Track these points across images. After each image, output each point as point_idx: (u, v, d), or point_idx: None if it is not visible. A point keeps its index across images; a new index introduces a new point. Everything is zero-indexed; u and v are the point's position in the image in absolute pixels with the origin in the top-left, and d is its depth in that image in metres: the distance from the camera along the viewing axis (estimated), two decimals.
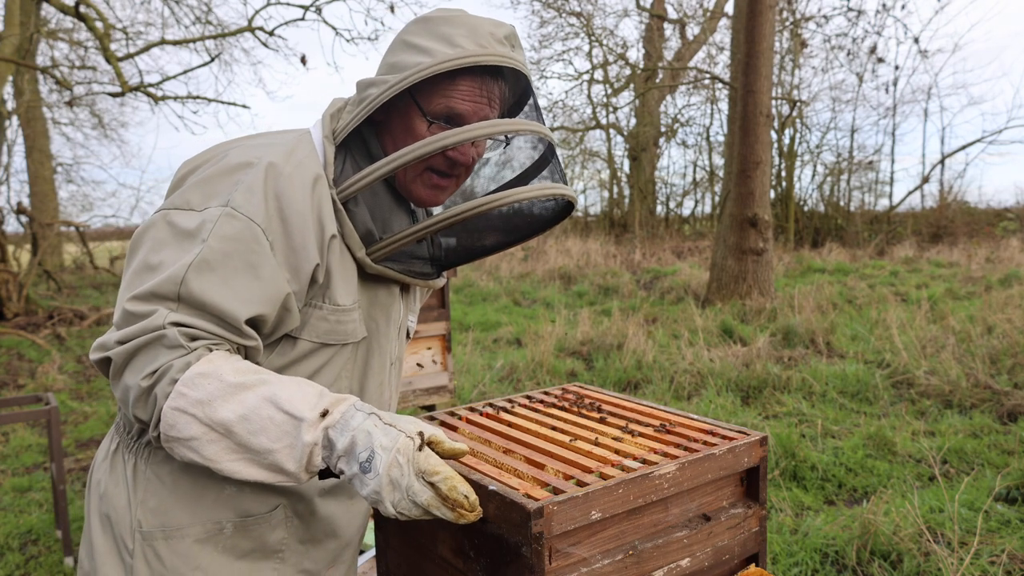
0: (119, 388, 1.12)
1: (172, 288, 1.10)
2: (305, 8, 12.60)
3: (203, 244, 1.12)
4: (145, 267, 1.14)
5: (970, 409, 5.25)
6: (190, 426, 1.07)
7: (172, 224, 1.15)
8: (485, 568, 1.36)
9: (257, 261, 1.15)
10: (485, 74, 1.28)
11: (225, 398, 1.07)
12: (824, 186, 20.99)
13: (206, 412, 1.06)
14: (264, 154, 1.20)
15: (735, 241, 9.72)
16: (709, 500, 1.50)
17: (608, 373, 6.36)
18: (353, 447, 1.08)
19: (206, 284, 1.11)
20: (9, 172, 14.60)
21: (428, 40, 1.24)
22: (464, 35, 1.24)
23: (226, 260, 1.12)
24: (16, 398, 3.88)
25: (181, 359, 1.08)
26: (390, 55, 1.29)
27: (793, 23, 17.77)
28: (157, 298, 1.10)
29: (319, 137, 1.29)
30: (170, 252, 1.13)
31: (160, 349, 1.08)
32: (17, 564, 3.50)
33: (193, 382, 1.07)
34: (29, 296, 10.82)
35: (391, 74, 1.25)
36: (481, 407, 1.87)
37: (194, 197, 1.17)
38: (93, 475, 1.32)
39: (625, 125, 22.62)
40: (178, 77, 13.43)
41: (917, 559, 3.08)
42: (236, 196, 1.15)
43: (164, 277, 1.10)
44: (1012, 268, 12.46)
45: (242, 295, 1.13)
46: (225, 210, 1.14)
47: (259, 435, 1.07)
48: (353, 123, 1.26)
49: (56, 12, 14.20)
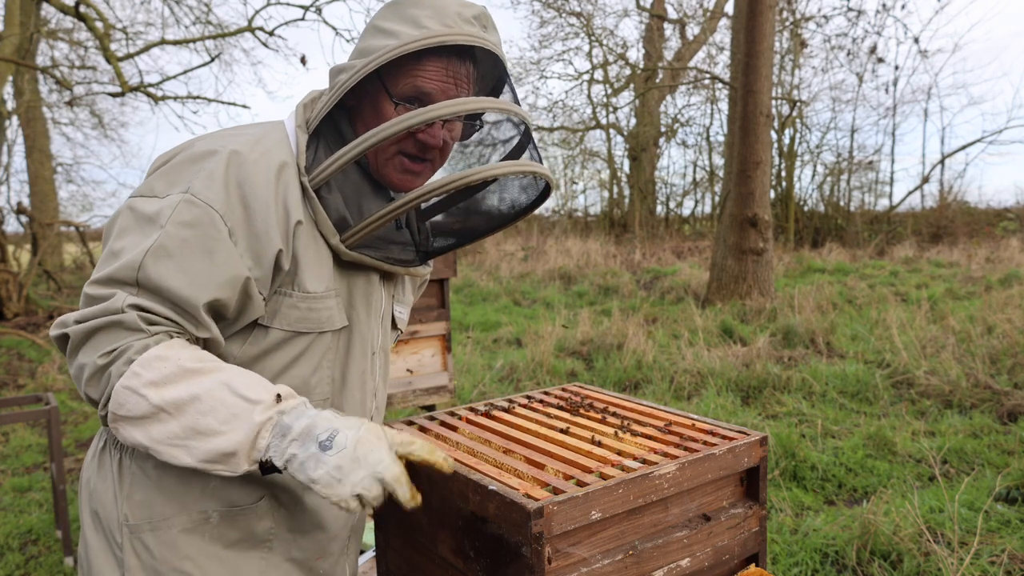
0: (74, 366, 1.14)
1: (130, 273, 1.12)
2: (305, 8, 12.59)
3: (161, 230, 1.13)
4: (109, 253, 1.16)
5: (970, 409, 5.24)
6: (139, 406, 1.08)
7: (135, 210, 1.18)
8: (485, 568, 1.36)
9: (214, 246, 1.15)
10: (452, 55, 1.27)
11: (178, 380, 1.08)
12: (824, 186, 20.99)
13: (159, 392, 1.08)
14: (229, 142, 1.22)
15: (735, 241, 9.72)
16: (709, 500, 1.50)
17: (608, 373, 6.36)
18: (311, 429, 1.10)
19: (163, 270, 1.12)
20: (9, 172, 14.60)
21: (395, 23, 1.25)
22: (430, 16, 1.23)
23: (183, 246, 1.14)
24: (16, 398, 3.88)
25: (139, 341, 1.11)
26: (361, 41, 1.29)
27: (793, 23, 17.77)
28: (116, 282, 1.13)
29: (291, 126, 1.30)
30: (131, 238, 1.15)
31: (119, 331, 1.11)
32: (17, 564, 3.50)
33: (149, 363, 1.08)
34: (29, 296, 10.82)
35: (360, 59, 1.25)
36: (481, 407, 1.87)
37: (158, 185, 1.19)
38: (83, 473, 1.33)
39: (625, 125, 22.63)
40: (178, 77, 13.44)
41: (917, 559, 3.08)
42: (196, 183, 1.17)
43: (123, 263, 1.12)
44: (1012, 268, 12.46)
45: (198, 280, 1.14)
46: (184, 196, 1.16)
47: (208, 415, 1.08)
48: (324, 110, 1.27)
49: (56, 12, 14.19)
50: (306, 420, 1.11)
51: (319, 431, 1.09)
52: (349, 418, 1.14)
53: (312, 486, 1.09)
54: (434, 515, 1.49)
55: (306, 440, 1.09)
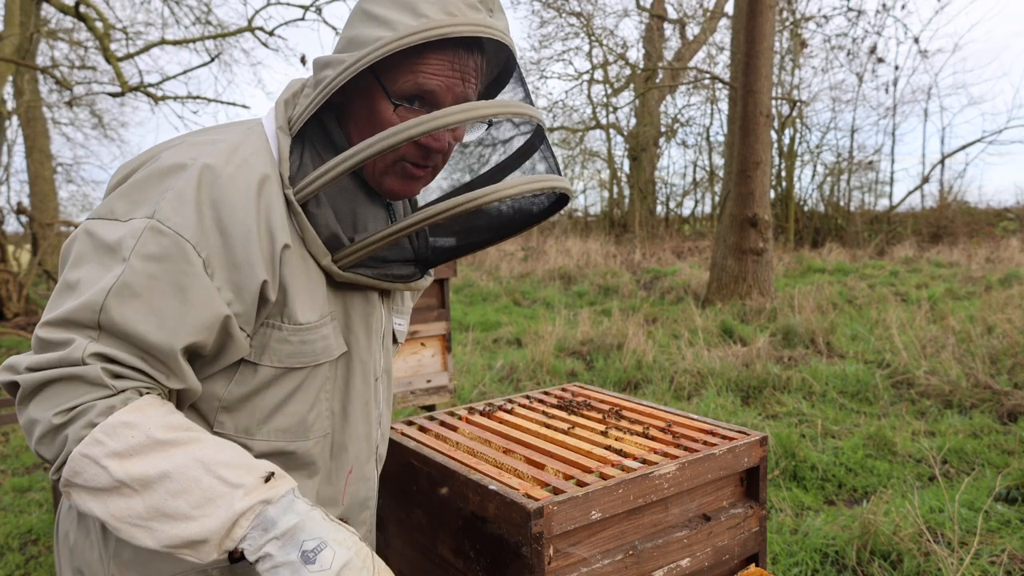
0: (24, 417, 0.99)
1: (90, 315, 0.97)
2: (305, 8, 12.59)
3: (124, 264, 0.98)
4: (64, 285, 1.01)
5: (970, 409, 5.24)
6: (98, 477, 0.94)
7: (93, 235, 1.02)
8: (485, 568, 1.36)
9: (186, 283, 1.01)
10: (457, 46, 1.11)
11: (147, 453, 0.95)
12: (824, 186, 20.99)
13: (122, 465, 0.94)
14: (200, 154, 1.06)
15: (735, 241, 9.72)
16: (709, 500, 1.50)
17: (608, 373, 6.36)
18: (297, 532, 0.96)
19: (129, 312, 0.97)
20: (9, 172, 14.61)
21: (389, 9, 1.08)
22: (429, 1, 1.07)
23: (151, 283, 0.99)
24: None
25: (103, 401, 0.96)
26: (348, 28, 1.13)
27: (793, 23, 17.77)
28: (74, 325, 0.97)
29: (272, 128, 1.15)
30: (89, 269, 1.00)
31: (78, 385, 0.96)
32: (17, 564, 3.50)
33: (113, 430, 0.94)
34: (29, 296, 10.82)
35: (349, 51, 1.09)
36: (481, 407, 1.87)
37: (119, 205, 1.04)
38: (60, 525, 1.20)
39: (625, 125, 22.63)
40: (178, 77, 13.44)
41: (917, 559, 3.08)
42: (163, 206, 1.01)
43: (81, 302, 0.97)
44: (1012, 268, 12.46)
45: (169, 323, 0.99)
46: (150, 223, 1.00)
47: (179, 497, 0.94)
48: (309, 110, 1.11)
49: (56, 12, 14.19)
50: (294, 518, 0.97)
51: (306, 537, 0.96)
52: (341, 529, 1.00)
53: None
54: (434, 515, 1.49)
55: (288, 543, 0.95)
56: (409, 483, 1.56)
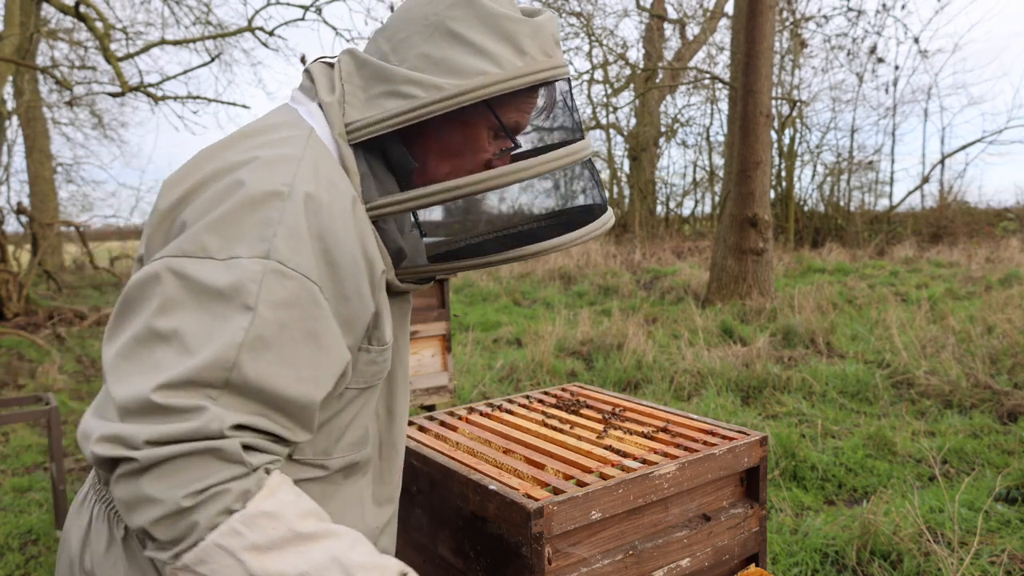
0: (131, 493, 0.86)
1: (220, 375, 0.86)
2: (305, 8, 12.60)
3: (251, 313, 0.88)
4: (153, 335, 0.88)
5: (970, 409, 5.24)
6: (230, 570, 0.85)
7: (185, 277, 0.89)
8: (485, 568, 1.36)
9: (318, 329, 0.93)
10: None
11: (287, 548, 0.87)
12: (824, 186, 20.99)
13: (261, 561, 0.86)
14: (288, 175, 0.96)
15: (735, 241, 9.72)
16: (709, 500, 1.50)
17: (608, 373, 6.36)
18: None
19: (263, 366, 0.88)
20: (9, 172, 14.61)
21: (486, 38, 1.06)
22: (529, 36, 1.07)
23: (282, 332, 0.90)
24: (16, 398, 3.88)
25: (238, 483, 0.86)
26: (427, 43, 1.07)
27: (793, 23, 17.77)
28: (199, 387, 0.86)
29: (327, 134, 1.08)
30: (191, 318, 0.88)
31: (211, 462, 0.85)
32: (17, 564, 3.50)
33: (254, 522, 0.86)
34: (29, 296, 10.83)
35: (431, 71, 1.05)
36: (481, 407, 1.88)
37: (211, 241, 0.91)
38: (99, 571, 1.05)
39: (625, 125, 22.63)
40: (178, 77, 13.44)
41: (917, 559, 3.08)
42: (279, 245, 0.91)
43: (208, 360, 0.86)
44: (1012, 268, 12.46)
45: (306, 374, 0.92)
46: (270, 265, 0.90)
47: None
48: (388, 126, 1.06)
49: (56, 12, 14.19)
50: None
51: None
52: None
53: None
54: (434, 515, 1.49)
55: None
56: (409, 483, 1.56)
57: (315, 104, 1.11)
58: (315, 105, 1.11)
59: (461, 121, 1.10)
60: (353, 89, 1.10)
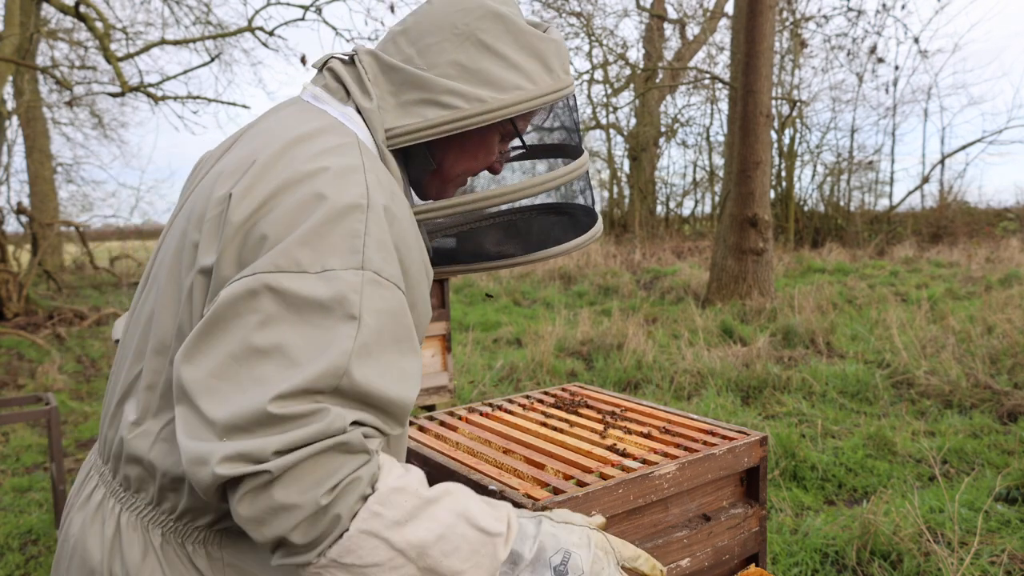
0: (262, 506, 0.86)
1: (331, 382, 0.88)
2: (305, 8, 12.59)
3: (356, 322, 0.91)
4: (253, 352, 0.89)
5: (970, 409, 5.24)
6: (376, 552, 0.88)
7: (284, 293, 0.91)
8: None
9: (407, 334, 0.98)
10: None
11: (420, 516, 0.92)
12: (824, 186, 20.99)
13: (403, 534, 0.90)
14: (362, 187, 0.99)
15: (735, 241, 9.72)
16: (709, 500, 1.50)
17: (608, 373, 6.36)
18: (542, 553, 1.00)
19: (369, 371, 0.91)
20: (9, 172, 14.61)
21: (518, 53, 1.12)
22: (554, 54, 1.15)
23: (382, 339, 0.93)
24: (16, 398, 3.88)
25: (365, 469, 0.89)
26: (458, 51, 1.10)
27: (793, 23, 17.77)
28: (311, 394, 0.88)
29: (369, 140, 1.10)
30: (293, 331, 0.90)
31: (338, 457, 0.87)
32: (17, 564, 3.50)
33: (388, 499, 0.90)
34: (29, 296, 10.83)
35: (465, 80, 1.10)
36: (481, 407, 1.87)
37: (303, 255, 0.93)
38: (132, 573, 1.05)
39: (625, 125, 22.64)
40: (178, 77, 13.45)
41: (917, 559, 3.08)
42: (371, 256, 0.95)
43: (319, 370, 0.87)
44: (1012, 268, 12.46)
45: (404, 376, 0.96)
46: (366, 275, 0.93)
47: (451, 556, 0.93)
48: (430, 135, 1.09)
49: (56, 12, 14.19)
50: (533, 543, 1.01)
51: (551, 554, 1.00)
52: (573, 529, 1.04)
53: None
54: None
55: (538, 566, 1.00)
56: None
57: (350, 108, 1.12)
58: (351, 109, 1.12)
59: (480, 130, 1.15)
60: (382, 93, 1.12)
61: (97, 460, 1.17)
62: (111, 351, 8.36)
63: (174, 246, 1.08)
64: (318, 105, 1.14)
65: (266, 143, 1.05)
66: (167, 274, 1.06)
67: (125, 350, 1.14)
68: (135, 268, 17.47)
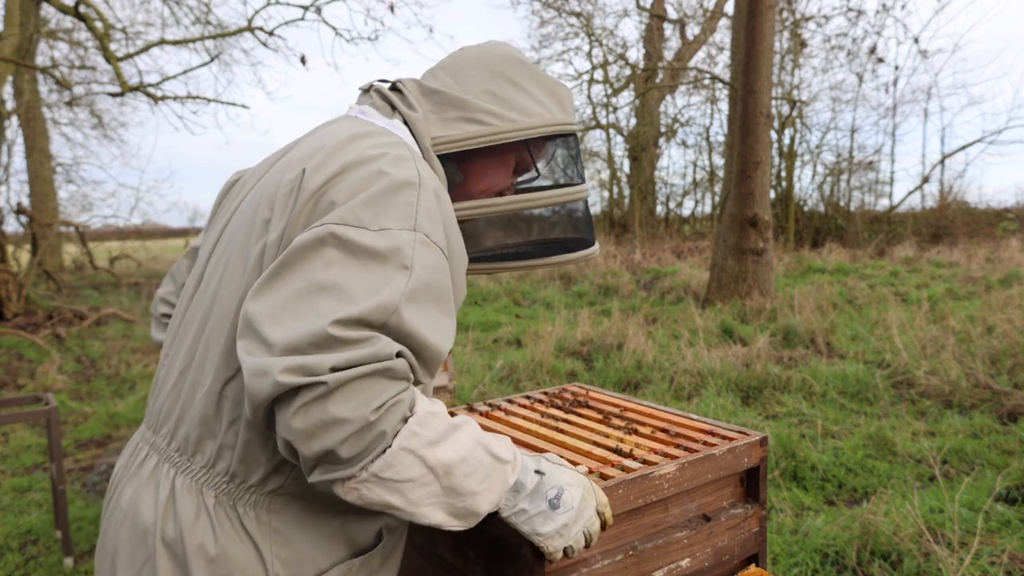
0: (316, 417, 0.95)
1: (382, 317, 0.99)
2: (305, 8, 12.60)
3: (408, 272, 1.03)
4: (316, 287, 1.01)
5: (970, 409, 5.24)
6: (411, 468, 1.00)
7: (347, 241, 1.04)
8: (485, 568, 1.36)
9: (445, 295, 1.09)
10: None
11: (448, 438, 1.04)
12: (824, 186, 21.00)
13: (435, 454, 1.01)
14: (415, 170, 1.14)
15: (735, 241, 9.72)
16: (709, 500, 1.49)
17: (608, 373, 6.36)
18: (540, 485, 1.15)
19: (415, 315, 1.02)
20: (9, 172, 14.58)
21: (540, 92, 1.36)
22: (566, 97, 1.39)
23: (428, 291, 1.05)
24: (16, 398, 3.87)
25: (406, 394, 1.00)
26: (491, 83, 1.33)
27: (793, 23, 17.78)
28: (366, 325, 0.98)
29: (414, 145, 1.27)
30: (352, 273, 1.02)
31: (385, 380, 0.98)
32: (17, 564, 3.50)
33: (425, 421, 1.01)
34: (29, 296, 10.82)
35: (496, 105, 1.31)
36: (481, 407, 1.87)
37: (364, 214, 1.07)
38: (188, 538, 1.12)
39: (625, 125, 22.63)
40: (178, 77, 13.44)
41: (917, 559, 3.08)
42: (423, 222, 1.09)
43: (373, 305, 0.99)
44: (1012, 268, 12.46)
45: (441, 329, 1.07)
46: (418, 236, 1.07)
47: (470, 477, 1.06)
48: (466, 145, 1.29)
49: (56, 12, 14.20)
50: (533, 476, 1.15)
51: (547, 488, 1.15)
52: (565, 470, 1.19)
53: (533, 538, 1.15)
54: None
55: (535, 497, 1.14)
56: None
57: (396, 120, 1.31)
58: (397, 120, 1.31)
59: (502, 150, 1.35)
60: (425, 112, 1.32)
61: (146, 433, 1.26)
62: (111, 351, 8.37)
63: (243, 228, 1.20)
64: (365, 118, 1.31)
65: (332, 136, 1.21)
66: (238, 251, 1.19)
67: (186, 327, 1.24)
68: (135, 268, 17.48)
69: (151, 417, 1.26)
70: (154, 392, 1.28)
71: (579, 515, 1.16)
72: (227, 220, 1.29)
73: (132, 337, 9.26)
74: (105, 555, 1.22)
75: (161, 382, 1.26)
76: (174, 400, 1.20)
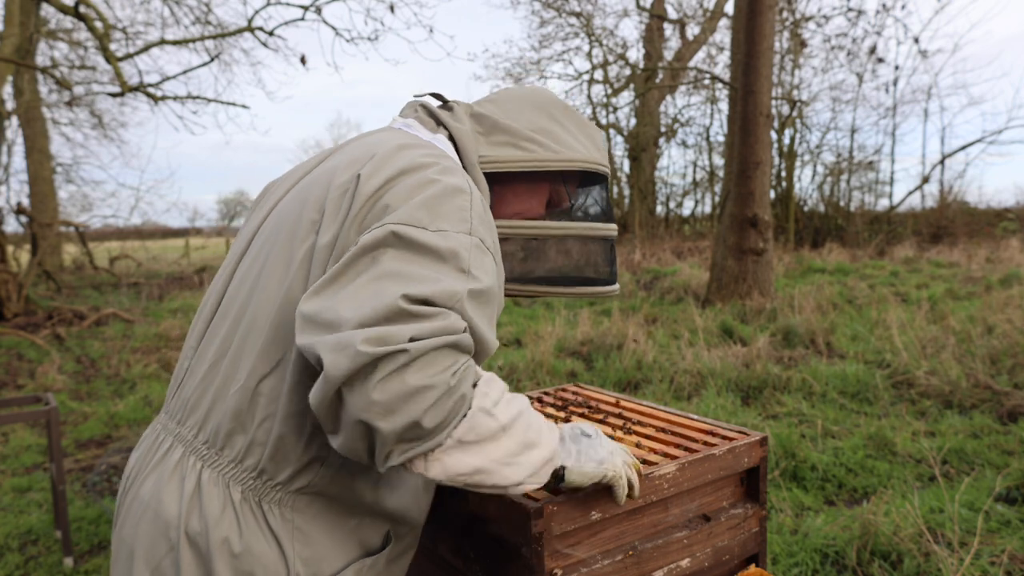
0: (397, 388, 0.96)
1: (449, 301, 1.02)
2: (305, 8, 12.59)
3: (466, 275, 1.07)
4: (381, 275, 1.04)
5: (970, 409, 5.24)
6: (488, 426, 1.03)
7: (409, 239, 1.07)
8: (485, 568, 1.36)
9: (495, 301, 1.14)
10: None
11: (507, 399, 1.09)
12: (824, 186, 21.01)
13: (502, 411, 1.06)
14: (464, 179, 1.19)
15: (735, 241, 9.72)
16: (709, 500, 1.49)
17: (608, 373, 6.36)
18: (572, 429, 1.23)
19: (475, 308, 1.06)
20: (9, 172, 14.58)
21: (578, 131, 1.46)
22: (600, 139, 1.51)
23: (480, 294, 1.09)
24: (16, 398, 3.87)
25: (471, 362, 1.05)
26: (534, 116, 1.43)
27: (793, 23, 17.78)
28: (436, 305, 1.02)
29: (457, 160, 1.33)
30: (415, 267, 1.05)
31: (454, 352, 1.01)
32: (17, 564, 3.49)
33: (489, 384, 1.06)
34: (29, 296, 10.82)
35: (542, 138, 1.40)
36: None
37: (422, 215, 1.10)
38: (213, 533, 1.13)
39: (625, 125, 22.63)
40: (178, 77, 13.44)
41: (917, 559, 3.08)
42: (477, 226, 1.13)
43: (442, 288, 1.02)
44: (1012, 268, 12.46)
45: (490, 328, 1.11)
46: (473, 239, 1.11)
47: (530, 429, 1.11)
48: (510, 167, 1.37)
49: (56, 12, 14.20)
50: (565, 425, 1.24)
51: (577, 431, 1.23)
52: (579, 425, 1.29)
53: (600, 467, 1.20)
54: (434, 515, 1.48)
55: (575, 438, 1.21)
56: None
57: (441, 135, 1.37)
58: (442, 136, 1.37)
59: (540, 179, 1.44)
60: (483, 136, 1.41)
61: (168, 423, 1.25)
62: (111, 351, 8.36)
63: (286, 228, 1.22)
64: (410, 131, 1.36)
65: (381, 145, 1.25)
66: (279, 250, 1.20)
67: (218, 322, 1.25)
68: (135, 268, 17.47)
69: (175, 408, 1.26)
70: (176, 383, 1.28)
71: (615, 448, 1.25)
72: (260, 222, 1.32)
73: (132, 337, 9.26)
74: (122, 545, 1.22)
75: (187, 374, 1.26)
76: (202, 392, 1.20)
